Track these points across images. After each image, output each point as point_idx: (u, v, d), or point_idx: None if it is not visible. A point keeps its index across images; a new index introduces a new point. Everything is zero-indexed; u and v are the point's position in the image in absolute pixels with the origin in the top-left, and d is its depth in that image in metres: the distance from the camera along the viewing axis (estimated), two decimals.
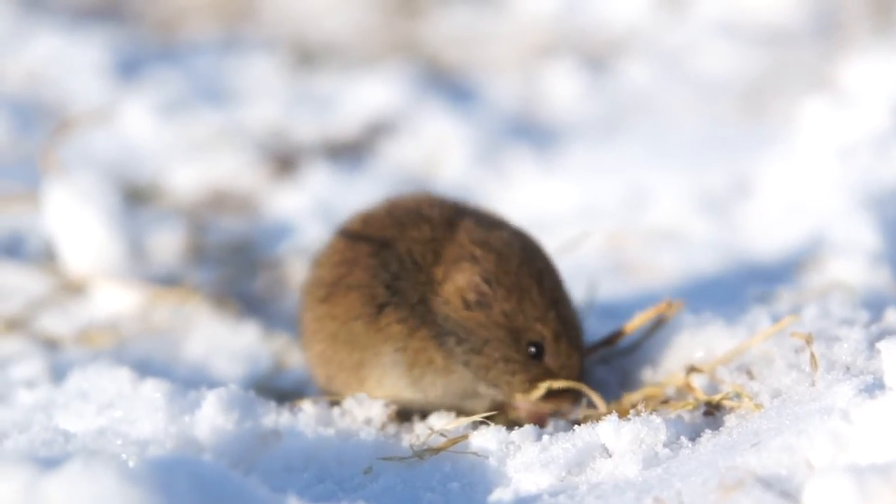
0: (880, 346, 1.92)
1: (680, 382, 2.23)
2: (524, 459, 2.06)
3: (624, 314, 2.47)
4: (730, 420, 2.13)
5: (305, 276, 2.42)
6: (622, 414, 2.13)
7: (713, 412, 2.18)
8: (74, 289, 3.01)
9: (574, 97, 4.53)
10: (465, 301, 2.22)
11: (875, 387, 1.93)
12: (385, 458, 2.13)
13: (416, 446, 2.14)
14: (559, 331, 2.22)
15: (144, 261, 3.11)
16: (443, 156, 4.01)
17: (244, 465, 2.10)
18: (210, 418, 2.12)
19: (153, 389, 2.21)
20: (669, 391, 2.25)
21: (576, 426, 2.12)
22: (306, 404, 2.28)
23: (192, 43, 5.09)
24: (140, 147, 4.03)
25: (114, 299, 2.97)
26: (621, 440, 2.04)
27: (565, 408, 2.22)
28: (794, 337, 2.18)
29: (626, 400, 2.24)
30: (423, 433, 2.20)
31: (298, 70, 4.76)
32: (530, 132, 4.23)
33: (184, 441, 2.10)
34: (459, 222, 2.29)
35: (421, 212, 2.31)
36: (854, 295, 2.54)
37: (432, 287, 2.25)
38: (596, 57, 4.86)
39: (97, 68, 4.59)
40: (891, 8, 5.02)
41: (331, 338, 2.30)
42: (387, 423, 2.26)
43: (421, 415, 2.29)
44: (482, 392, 2.25)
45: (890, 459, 1.74)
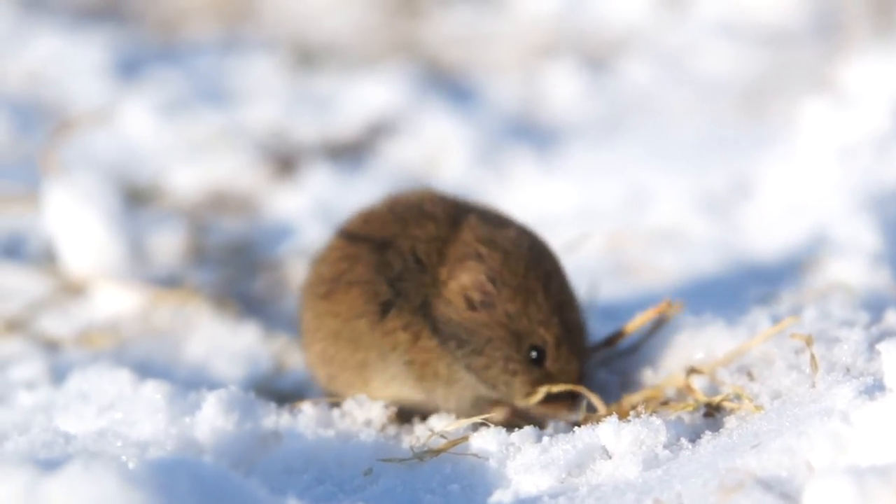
0: (880, 348, 1.92)
1: (680, 384, 2.22)
2: (524, 461, 2.06)
3: (624, 315, 2.46)
4: (730, 421, 2.13)
5: (305, 274, 2.40)
6: (622, 415, 2.12)
7: (713, 413, 2.18)
8: (75, 290, 3.00)
9: (574, 97, 4.53)
10: (469, 300, 2.20)
11: (875, 388, 1.93)
12: (385, 460, 2.13)
13: (417, 448, 2.13)
14: (561, 336, 2.20)
15: (145, 262, 3.11)
16: (443, 156, 4.00)
17: (244, 467, 2.10)
18: (210, 420, 2.12)
19: (153, 391, 2.21)
20: (669, 392, 2.25)
21: (576, 428, 2.12)
22: (306, 406, 2.27)
23: (193, 43, 5.08)
24: (140, 147, 4.03)
25: (114, 300, 2.97)
26: (621, 442, 2.04)
27: (562, 415, 2.21)
28: (795, 338, 2.18)
29: (626, 401, 2.23)
30: (424, 435, 2.20)
31: (299, 70, 4.75)
32: (530, 132, 4.23)
33: (184, 442, 2.10)
34: (464, 219, 2.25)
35: (424, 208, 2.28)
36: (854, 296, 2.54)
37: (436, 288, 2.22)
38: (596, 57, 4.85)
39: (97, 68, 4.59)
40: (891, 9, 5.01)
41: (332, 336, 2.28)
42: (387, 425, 2.26)
43: (421, 416, 2.29)
44: (485, 395, 2.24)
45: (890, 461, 1.74)
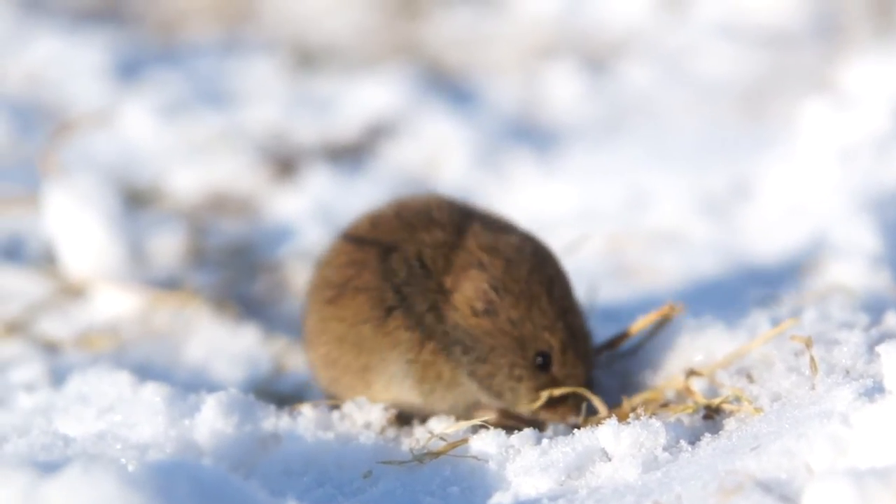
0: (880, 350, 1.91)
1: (680, 386, 2.22)
2: (524, 463, 2.06)
3: (624, 317, 2.46)
4: (729, 424, 2.13)
5: (310, 277, 2.40)
6: (622, 418, 2.12)
7: (713, 416, 2.17)
8: (74, 292, 3.00)
9: (574, 99, 4.53)
10: (474, 309, 2.20)
11: (875, 390, 1.93)
12: (385, 462, 2.13)
13: (416, 450, 2.13)
14: (567, 341, 2.20)
15: (144, 264, 3.11)
16: (443, 158, 4.00)
17: (244, 469, 2.10)
18: (210, 422, 2.12)
19: (153, 393, 2.21)
20: (669, 395, 2.25)
21: (575, 430, 2.12)
22: (306, 408, 2.27)
23: (193, 45, 5.08)
24: (140, 149, 4.02)
25: (114, 302, 2.97)
26: (621, 444, 2.04)
27: (568, 419, 2.21)
28: (794, 340, 2.18)
29: (626, 403, 2.23)
30: (423, 437, 2.19)
31: (299, 72, 4.75)
32: (531, 134, 4.23)
33: (183, 445, 2.10)
34: (469, 226, 2.26)
35: (431, 215, 2.28)
36: (854, 298, 2.54)
37: (443, 295, 2.22)
38: (596, 59, 4.85)
39: (97, 70, 4.59)
40: (891, 10, 5.01)
41: (337, 340, 2.28)
42: (386, 427, 2.26)
43: (421, 419, 2.29)
44: (486, 403, 2.24)
45: (890, 463, 1.74)
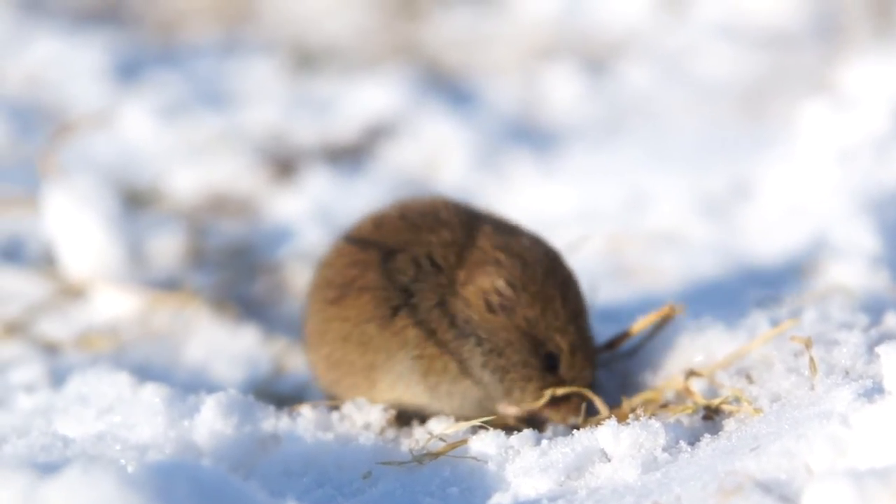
0: (879, 351, 1.92)
1: (679, 386, 2.22)
2: (523, 464, 2.06)
3: (624, 317, 2.46)
4: (729, 424, 2.13)
5: (311, 278, 2.40)
6: (621, 418, 2.12)
7: (712, 416, 2.17)
8: (74, 293, 3.00)
9: (574, 100, 4.53)
10: (489, 303, 2.21)
11: (874, 391, 1.93)
12: (384, 463, 2.13)
13: (416, 451, 2.13)
14: (577, 344, 2.21)
15: (144, 265, 3.11)
16: (443, 159, 4.00)
17: (243, 470, 2.10)
18: (209, 423, 2.12)
19: (152, 394, 2.21)
20: (668, 395, 2.25)
21: (575, 431, 2.12)
22: (305, 409, 2.27)
23: (192, 46, 5.08)
24: (140, 150, 4.02)
25: (113, 303, 2.97)
26: (620, 445, 2.04)
27: (569, 419, 2.21)
28: (794, 341, 2.18)
29: (626, 404, 2.23)
30: (423, 438, 2.19)
31: (298, 73, 4.75)
32: (530, 135, 4.23)
33: (183, 446, 2.10)
34: (479, 228, 2.26)
35: (438, 216, 2.28)
36: (854, 298, 2.54)
37: (454, 289, 2.23)
38: (596, 59, 4.85)
39: (97, 71, 4.59)
40: (891, 10, 5.01)
41: (341, 340, 2.28)
42: (386, 428, 2.26)
43: (421, 419, 2.29)
44: (495, 397, 2.24)
45: (889, 464, 1.74)
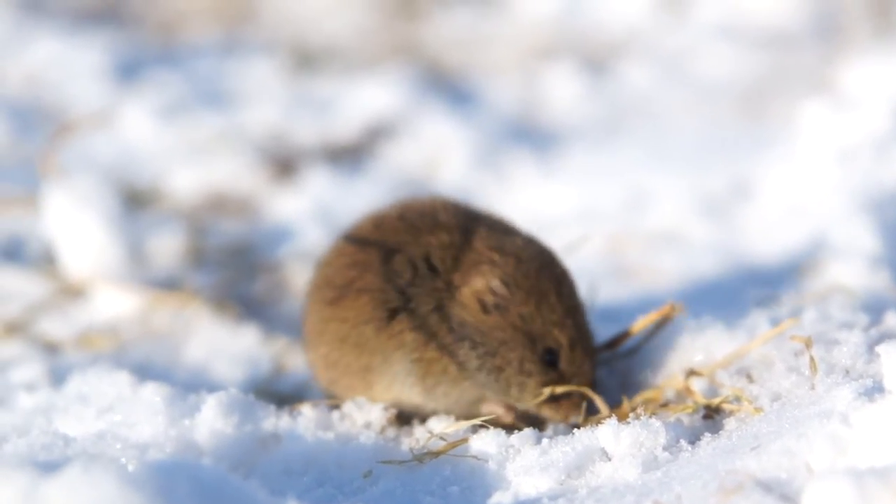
0: (880, 350, 1.92)
1: (679, 386, 2.23)
2: (524, 463, 2.06)
3: (624, 317, 2.47)
4: (729, 423, 2.13)
5: (311, 278, 2.40)
6: (622, 417, 2.13)
7: (713, 416, 2.18)
8: (74, 292, 3.00)
9: (574, 100, 4.53)
10: (483, 304, 2.21)
11: (874, 390, 1.93)
12: (385, 462, 2.13)
13: (416, 450, 2.14)
14: (575, 338, 2.22)
15: (144, 264, 3.11)
16: (443, 158, 4.00)
17: (244, 469, 2.10)
18: (210, 422, 2.12)
19: (153, 393, 2.21)
20: (669, 394, 2.25)
21: (575, 430, 2.12)
22: (306, 408, 2.27)
23: (192, 46, 5.08)
24: (140, 150, 4.02)
25: (113, 303, 2.97)
26: (621, 444, 2.04)
27: (570, 417, 2.22)
28: (794, 340, 2.18)
29: (626, 403, 2.23)
30: (423, 437, 2.20)
31: (298, 73, 4.75)
32: (530, 135, 4.23)
33: (183, 445, 2.10)
34: (475, 229, 2.27)
35: (437, 217, 2.29)
36: (854, 298, 2.54)
37: (450, 292, 2.23)
38: (596, 59, 4.85)
39: (97, 71, 4.59)
40: (891, 10, 5.01)
41: (338, 341, 2.28)
42: (386, 427, 2.26)
43: (421, 418, 2.29)
44: (492, 397, 2.24)
45: (889, 463, 1.74)
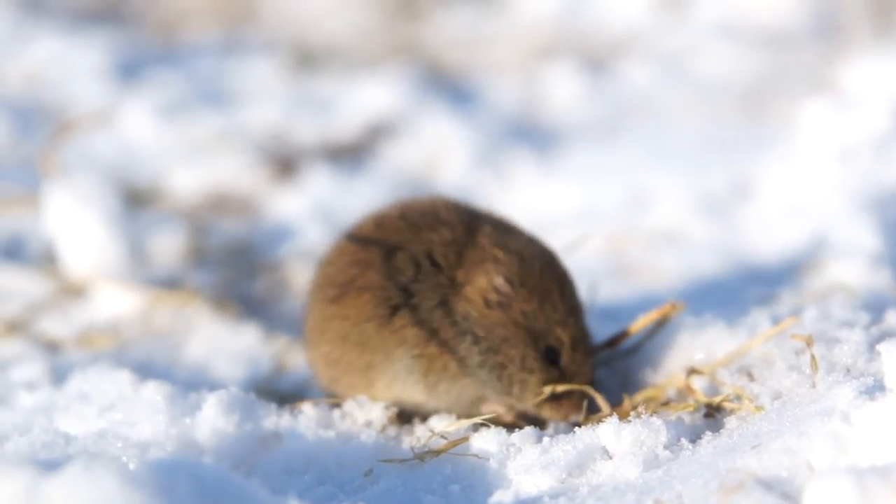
0: (881, 348, 1.92)
1: (680, 384, 2.23)
2: (525, 461, 2.06)
3: (624, 316, 2.47)
4: (730, 422, 2.13)
5: (312, 276, 2.40)
6: (623, 416, 2.13)
7: (714, 414, 2.18)
8: (75, 291, 3.00)
9: (574, 99, 4.53)
10: (487, 301, 2.21)
11: (875, 389, 1.93)
12: (386, 461, 2.13)
13: (417, 448, 2.13)
14: (577, 337, 2.22)
15: (145, 263, 3.11)
16: (443, 158, 4.00)
17: (245, 468, 2.10)
18: (211, 420, 2.12)
19: (154, 392, 2.22)
20: (670, 393, 2.25)
21: (576, 428, 2.12)
22: (307, 406, 2.27)
23: (193, 45, 5.08)
24: (140, 149, 4.02)
25: (114, 301, 2.97)
26: (622, 442, 2.04)
27: (570, 416, 2.22)
28: (795, 339, 2.18)
29: (627, 402, 2.23)
30: (424, 435, 2.20)
31: (299, 72, 4.75)
32: (531, 134, 4.23)
33: (184, 443, 2.10)
34: (478, 228, 2.27)
35: (439, 215, 2.29)
36: (854, 297, 2.54)
37: (454, 289, 2.23)
38: (596, 59, 4.85)
39: (97, 71, 4.59)
40: (891, 10, 5.01)
41: (340, 339, 2.28)
42: (387, 426, 2.26)
43: (422, 417, 2.29)
44: (492, 396, 2.25)
45: (890, 461, 1.74)
